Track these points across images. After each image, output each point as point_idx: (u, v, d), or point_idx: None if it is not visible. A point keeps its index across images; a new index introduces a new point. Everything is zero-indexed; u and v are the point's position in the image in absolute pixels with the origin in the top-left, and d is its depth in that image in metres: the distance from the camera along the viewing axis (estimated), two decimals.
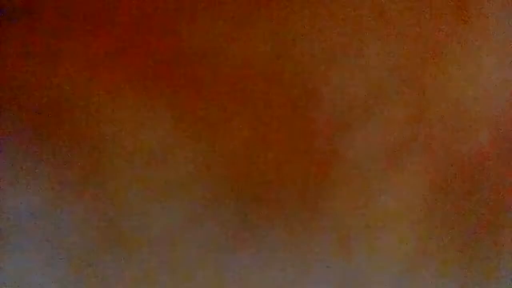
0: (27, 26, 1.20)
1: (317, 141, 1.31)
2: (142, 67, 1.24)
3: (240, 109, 1.28)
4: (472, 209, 1.38)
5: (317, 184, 1.31)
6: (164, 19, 1.25)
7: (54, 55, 1.21)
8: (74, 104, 1.22)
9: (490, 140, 1.39)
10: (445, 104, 1.36)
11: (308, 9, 1.30)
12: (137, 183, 1.24)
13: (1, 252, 1.20)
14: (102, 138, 1.23)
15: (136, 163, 1.24)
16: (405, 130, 1.34)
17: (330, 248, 1.31)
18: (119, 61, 1.24)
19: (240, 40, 1.27)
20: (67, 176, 1.22)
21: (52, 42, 1.21)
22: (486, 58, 1.38)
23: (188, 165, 1.26)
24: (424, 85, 1.35)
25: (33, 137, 1.21)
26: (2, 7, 1.19)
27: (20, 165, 1.20)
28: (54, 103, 1.21)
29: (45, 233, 1.21)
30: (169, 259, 1.25)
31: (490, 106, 1.39)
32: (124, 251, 1.24)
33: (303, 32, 1.30)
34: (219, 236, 1.27)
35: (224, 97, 1.27)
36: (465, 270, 1.38)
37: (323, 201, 1.31)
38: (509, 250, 1.41)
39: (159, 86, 1.25)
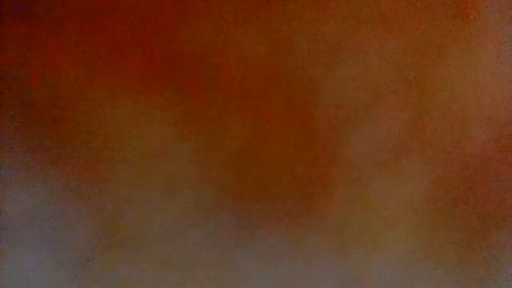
0: (27, 26, 1.20)
1: (317, 140, 1.31)
2: (142, 66, 1.24)
3: (240, 109, 1.28)
4: (472, 209, 1.38)
5: (317, 184, 1.31)
6: (164, 19, 1.25)
7: (54, 55, 1.21)
8: (74, 104, 1.22)
9: (490, 140, 1.39)
10: (445, 104, 1.36)
11: (308, 9, 1.30)
12: (137, 182, 1.24)
13: (1, 252, 1.20)
14: (102, 138, 1.23)
15: (136, 163, 1.24)
16: (405, 130, 1.34)
17: (330, 248, 1.31)
18: (119, 61, 1.24)
19: (240, 40, 1.27)
20: (67, 176, 1.22)
21: (52, 42, 1.21)
22: (486, 57, 1.38)
23: (188, 165, 1.26)
24: (424, 85, 1.35)
25: (33, 137, 1.21)
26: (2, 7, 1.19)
27: (20, 165, 1.20)
28: (53, 102, 1.21)
29: (44, 233, 1.21)
30: (169, 259, 1.25)
31: (490, 105, 1.39)
32: (124, 251, 1.24)
33: (303, 31, 1.30)
34: (219, 235, 1.27)
35: (224, 96, 1.27)
36: (465, 270, 1.38)
37: (323, 201, 1.31)
38: (510, 250, 1.41)
39: (159, 85, 1.25)
